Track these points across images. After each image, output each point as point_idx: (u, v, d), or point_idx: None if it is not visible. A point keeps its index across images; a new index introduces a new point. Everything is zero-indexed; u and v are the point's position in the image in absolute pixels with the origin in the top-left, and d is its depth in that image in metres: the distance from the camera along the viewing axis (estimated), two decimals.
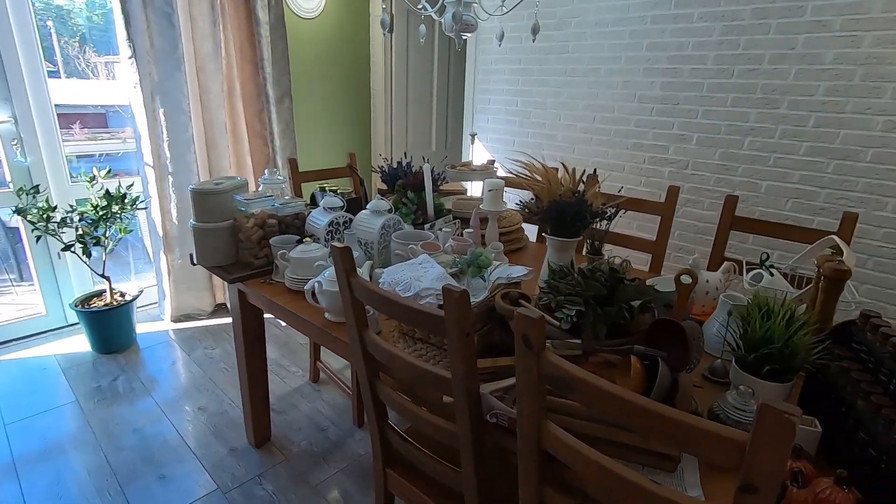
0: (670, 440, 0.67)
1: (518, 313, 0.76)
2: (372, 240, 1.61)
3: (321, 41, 3.22)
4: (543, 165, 1.39)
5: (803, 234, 1.68)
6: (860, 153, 2.00)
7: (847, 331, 1.04)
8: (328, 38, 3.25)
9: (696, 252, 2.50)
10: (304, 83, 3.20)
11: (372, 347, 1.11)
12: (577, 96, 2.75)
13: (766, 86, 2.15)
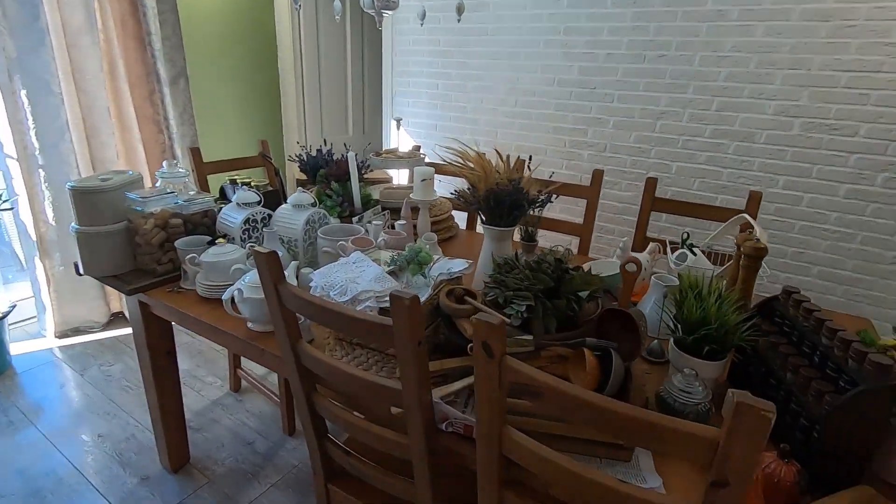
0: (643, 440, 0.65)
1: (477, 320, 0.70)
2: (296, 237, 1.47)
3: (219, 14, 2.90)
4: (478, 153, 1.33)
5: (717, 212, 1.79)
6: (755, 135, 2.17)
7: (770, 306, 1.10)
8: (227, 11, 2.94)
9: (616, 231, 2.61)
10: (203, 62, 2.88)
11: (308, 360, 1.00)
12: (498, 80, 2.73)
13: (674, 71, 2.26)
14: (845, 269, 2.15)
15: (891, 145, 1.94)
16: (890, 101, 1.91)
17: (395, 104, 3.17)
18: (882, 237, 2.05)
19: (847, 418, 0.79)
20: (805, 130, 2.07)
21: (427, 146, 3.09)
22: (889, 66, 1.88)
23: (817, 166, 2.08)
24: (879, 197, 2.01)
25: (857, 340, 0.84)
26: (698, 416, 0.91)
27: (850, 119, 1.98)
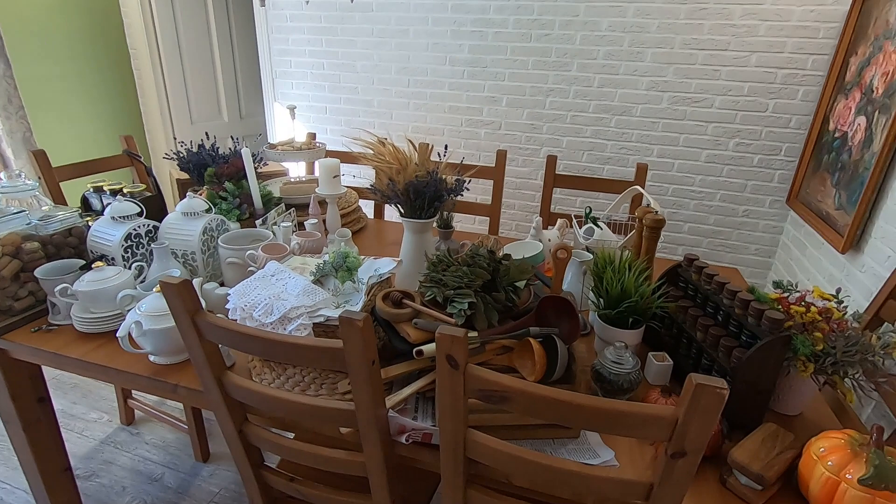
0: (611, 428, 0.68)
1: (440, 334, 0.67)
2: (193, 250, 1.30)
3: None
4: (392, 145, 1.28)
5: (611, 185, 1.93)
6: (632, 109, 2.37)
7: (675, 273, 1.22)
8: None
9: (516, 206, 2.71)
10: (29, 41, 2.37)
11: (238, 392, 0.90)
12: (388, 59, 2.63)
13: (558, 50, 2.36)
14: (708, 224, 2.47)
15: (738, 114, 2.24)
16: (735, 76, 2.19)
17: (276, 86, 2.92)
18: (734, 194, 2.38)
19: (752, 368, 0.91)
20: (672, 104, 2.30)
21: (320, 131, 2.91)
22: (734, 45, 2.14)
23: (683, 135, 2.34)
24: (731, 160, 2.33)
25: (753, 299, 0.96)
26: (631, 383, 0.99)
27: (706, 93, 2.25)
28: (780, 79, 2.14)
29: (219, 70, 3.30)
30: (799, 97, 2.15)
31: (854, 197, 1.71)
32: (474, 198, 2.62)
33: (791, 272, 2.22)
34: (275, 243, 1.30)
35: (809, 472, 0.79)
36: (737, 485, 0.83)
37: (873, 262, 1.60)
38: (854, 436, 0.79)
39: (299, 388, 0.98)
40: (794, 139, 2.21)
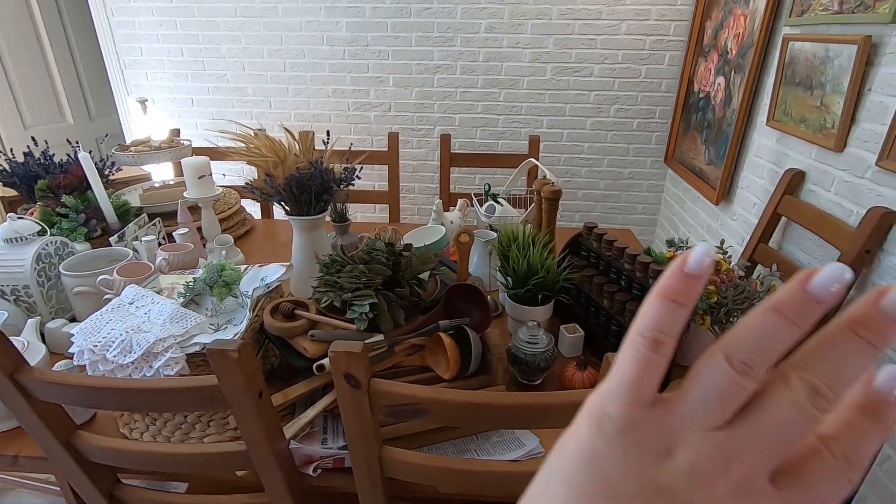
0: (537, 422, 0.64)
1: (334, 352, 0.57)
2: (25, 283, 1.06)
3: None
4: (267, 136, 1.13)
5: (506, 159, 1.92)
6: (519, 82, 2.38)
7: (577, 242, 1.23)
8: None
9: (416, 190, 2.64)
10: None
11: (99, 454, 0.73)
12: (258, 40, 2.39)
13: (440, 24, 2.29)
14: (599, 189, 2.59)
15: (616, 82, 2.34)
16: (610, 44, 2.27)
17: (128, 78, 2.54)
18: (619, 158, 2.50)
19: None
20: (555, 74, 2.34)
21: (187, 126, 2.58)
22: (606, 13, 2.22)
23: (569, 105, 2.40)
24: (613, 126, 2.43)
25: (652, 261, 0.97)
26: (547, 361, 0.97)
27: (585, 62, 2.31)
28: (649, 45, 2.26)
29: (53, 64, 2.79)
30: (666, 62, 2.28)
31: (721, 152, 1.85)
32: (371, 185, 2.49)
33: (674, 227, 2.39)
34: (135, 263, 1.10)
35: None
36: None
37: (742, 210, 1.75)
38: None
39: (181, 432, 0.83)
40: (665, 102, 2.36)
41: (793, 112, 1.45)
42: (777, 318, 0.16)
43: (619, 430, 0.17)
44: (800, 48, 1.41)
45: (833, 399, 0.16)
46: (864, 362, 0.16)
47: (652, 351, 0.17)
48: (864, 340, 0.16)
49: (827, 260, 1.29)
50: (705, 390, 0.17)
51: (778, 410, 0.16)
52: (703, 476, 0.16)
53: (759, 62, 1.63)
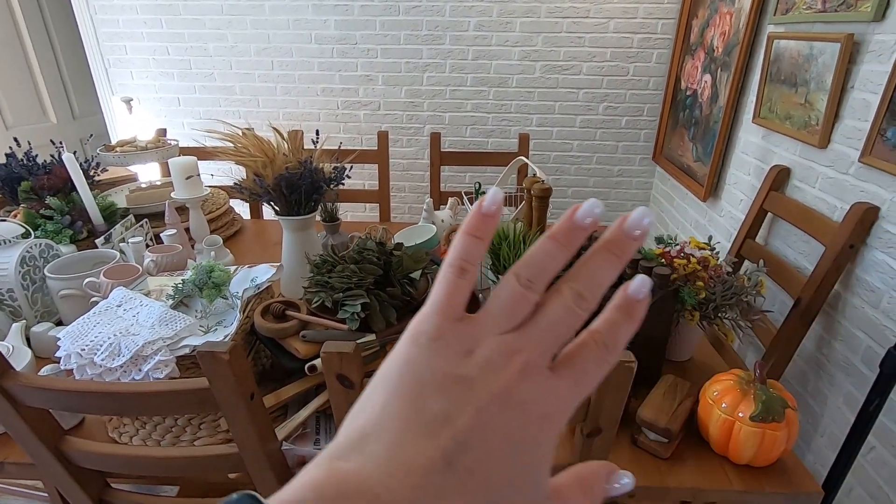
0: None
1: (326, 353, 0.57)
2: (9, 286, 1.04)
3: None
4: (256, 136, 1.12)
5: (496, 158, 1.92)
6: (508, 80, 2.38)
7: None
8: None
9: (406, 188, 2.63)
10: None
11: (88, 459, 0.72)
12: (245, 39, 2.36)
13: (429, 22, 2.28)
14: (589, 186, 2.60)
15: (604, 80, 2.35)
16: (598, 42, 2.29)
17: (112, 77, 2.50)
18: (608, 155, 2.52)
19: (648, 324, 0.93)
20: (544, 73, 2.35)
21: (174, 126, 2.56)
22: (594, 12, 2.23)
23: (558, 103, 2.41)
24: (602, 123, 2.45)
25: (641, 258, 0.98)
26: None
27: (574, 60, 2.32)
28: (637, 43, 2.28)
29: (34, 63, 2.75)
30: (654, 60, 2.30)
31: (708, 149, 1.87)
32: (361, 184, 2.49)
33: (663, 224, 2.42)
34: (123, 265, 1.09)
35: (708, 416, 0.83)
36: (646, 441, 0.85)
37: (729, 206, 1.77)
38: (741, 375, 0.84)
39: (172, 436, 0.83)
40: (653, 100, 2.37)
41: (778, 109, 1.46)
42: (552, 243, 0.21)
43: (431, 340, 0.20)
44: (784, 46, 1.43)
45: (593, 301, 0.21)
46: (614, 271, 0.21)
47: (458, 276, 0.21)
48: (613, 255, 0.21)
49: (813, 255, 1.31)
50: (499, 303, 0.21)
51: (552, 313, 0.21)
52: (493, 365, 0.20)
53: (745, 60, 1.65)
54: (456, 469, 0.18)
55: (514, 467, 0.19)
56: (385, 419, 0.19)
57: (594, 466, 0.23)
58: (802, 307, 1.19)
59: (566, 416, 0.20)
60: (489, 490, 0.18)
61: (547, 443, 0.20)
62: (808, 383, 1.31)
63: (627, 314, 0.21)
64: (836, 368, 1.22)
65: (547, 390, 0.20)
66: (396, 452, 0.18)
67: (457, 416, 0.19)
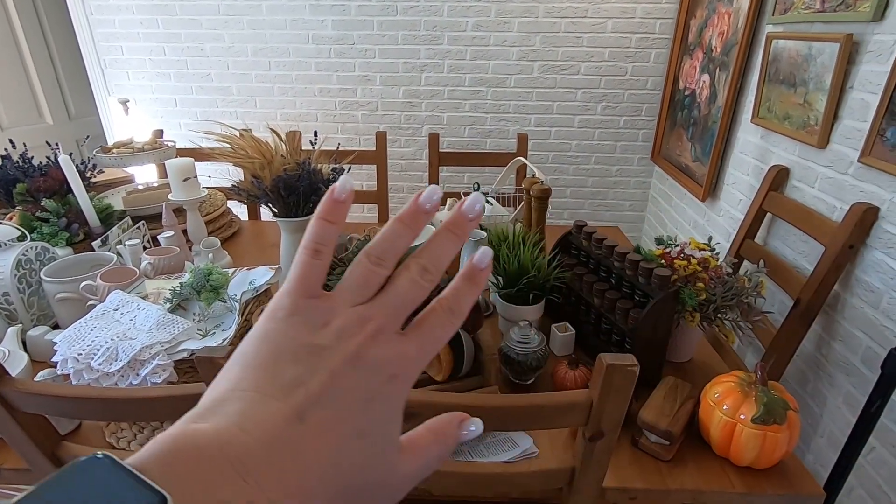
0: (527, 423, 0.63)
1: None
2: (5, 290, 1.03)
3: None
4: (253, 137, 1.11)
5: (495, 158, 1.92)
6: (506, 80, 2.38)
7: (567, 241, 1.23)
8: None
9: (405, 189, 2.62)
10: None
11: None
12: (241, 39, 2.35)
13: (427, 22, 2.28)
14: (587, 186, 2.60)
15: (602, 79, 2.35)
16: (596, 42, 2.28)
17: (109, 78, 2.49)
18: (607, 155, 2.52)
19: (649, 326, 0.93)
20: (543, 73, 2.35)
21: (171, 127, 2.54)
22: (592, 11, 2.22)
23: (556, 103, 2.41)
24: (601, 123, 2.45)
25: (642, 259, 0.98)
26: (539, 360, 0.97)
27: (572, 60, 2.32)
28: (634, 43, 2.28)
29: (30, 63, 2.73)
30: (652, 60, 2.30)
31: (707, 149, 1.87)
32: (360, 184, 2.48)
33: (662, 223, 2.42)
34: (119, 267, 1.08)
35: (709, 419, 0.83)
36: (647, 443, 0.84)
37: (728, 206, 1.77)
38: (742, 376, 0.84)
39: None
40: (651, 100, 2.37)
41: (777, 109, 1.46)
42: (399, 225, 0.23)
43: (288, 315, 0.22)
44: (783, 46, 1.43)
45: (436, 273, 0.23)
46: (455, 248, 0.24)
47: (312, 258, 0.23)
48: (453, 234, 0.24)
49: (812, 255, 1.31)
50: (352, 279, 0.23)
51: (400, 284, 0.23)
52: (346, 333, 0.22)
53: (744, 60, 1.65)
54: (308, 422, 0.20)
55: (366, 420, 0.21)
56: (240, 387, 0.20)
57: (446, 417, 0.25)
58: (802, 307, 1.19)
59: (415, 373, 0.23)
60: (342, 440, 0.20)
61: (397, 398, 0.22)
62: (807, 383, 1.31)
63: (472, 281, 0.24)
64: (836, 369, 1.22)
65: (396, 352, 0.22)
66: (250, 411, 0.19)
67: (310, 378, 0.20)
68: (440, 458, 0.25)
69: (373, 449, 0.21)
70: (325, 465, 0.20)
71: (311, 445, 0.19)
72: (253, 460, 0.18)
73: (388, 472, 0.22)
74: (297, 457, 0.19)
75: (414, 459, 0.23)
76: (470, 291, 0.24)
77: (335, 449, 0.20)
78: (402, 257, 0.23)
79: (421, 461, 0.24)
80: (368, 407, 0.21)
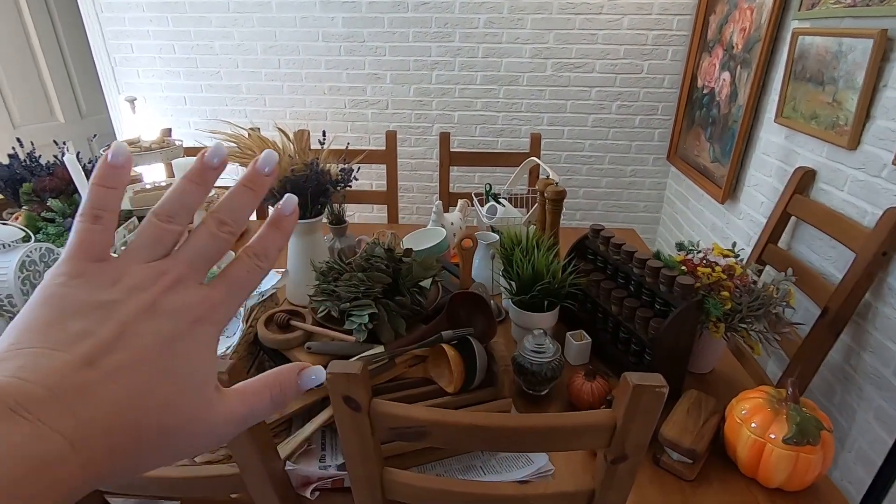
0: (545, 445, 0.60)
1: (332, 374, 0.53)
2: (9, 292, 1.01)
3: None
4: (261, 136, 1.08)
5: (507, 158, 1.88)
6: (519, 78, 2.33)
7: (583, 245, 1.18)
8: None
9: (414, 189, 2.59)
10: None
11: None
12: (251, 37, 2.33)
13: (438, 19, 2.24)
14: (601, 186, 2.54)
15: (617, 77, 2.29)
16: (611, 39, 2.23)
17: (118, 76, 2.48)
18: (621, 155, 2.46)
19: (670, 336, 0.89)
20: (556, 70, 2.30)
21: (180, 125, 2.53)
22: (607, 8, 2.17)
23: (570, 101, 2.36)
24: (615, 122, 2.39)
25: (663, 266, 0.93)
26: (554, 371, 0.93)
27: (587, 57, 2.26)
28: (651, 40, 2.22)
29: (42, 61, 2.73)
30: (669, 57, 2.24)
31: (727, 149, 1.81)
32: (369, 184, 2.44)
33: (677, 225, 2.36)
34: None
35: (735, 436, 0.78)
36: (669, 461, 0.80)
37: (749, 208, 1.71)
38: (771, 392, 0.79)
39: None
40: (668, 98, 2.31)
41: (803, 108, 1.40)
42: (188, 183, 0.24)
43: (71, 278, 0.21)
44: (810, 42, 1.37)
45: (235, 225, 0.24)
46: (252, 201, 0.25)
47: (91, 223, 0.22)
48: (249, 189, 0.25)
49: (840, 261, 1.25)
50: (141, 239, 0.23)
51: (198, 238, 0.24)
52: (139, 286, 0.22)
53: (767, 57, 1.59)
54: (99, 367, 0.20)
55: (171, 361, 0.21)
56: (18, 347, 0.19)
57: (285, 367, 0.26)
58: (830, 317, 1.13)
59: (224, 316, 0.24)
60: (144, 380, 0.20)
61: (205, 340, 0.23)
62: (834, 396, 1.26)
63: (277, 227, 0.26)
64: (866, 381, 1.16)
65: (198, 298, 0.23)
66: (30, 364, 0.19)
67: (98, 330, 0.20)
68: (274, 405, 0.25)
69: (182, 387, 0.22)
70: (125, 404, 0.20)
71: (105, 387, 0.19)
72: (33, 400, 0.17)
73: (204, 408, 0.22)
74: (87, 396, 0.19)
75: (241, 402, 0.24)
76: (275, 236, 0.25)
77: (136, 389, 0.20)
78: None
79: (248, 405, 0.24)
80: (172, 348, 0.21)
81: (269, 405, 0.25)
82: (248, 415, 0.24)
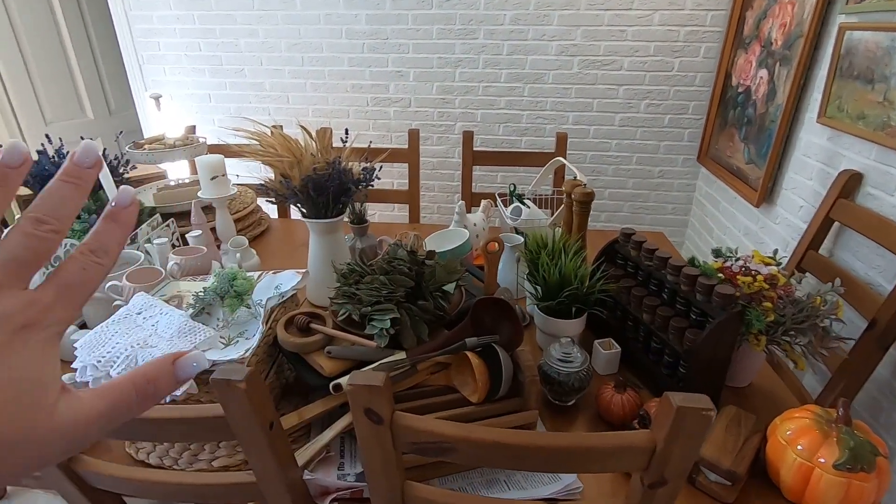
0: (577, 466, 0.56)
1: (353, 386, 0.51)
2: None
3: None
4: (283, 134, 1.06)
5: (531, 158, 1.83)
6: (544, 76, 2.28)
7: (612, 250, 1.14)
8: None
9: (436, 188, 2.56)
10: None
11: (101, 480, 0.68)
12: (275, 34, 2.33)
13: (463, 16, 2.20)
14: (627, 188, 2.48)
15: (647, 75, 2.22)
16: (641, 35, 2.16)
17: (146, 74, 2.51)
18: (649, 156, 2.39)
19: (708, 348, 0.84)
20: (583, 68, 2.24)
21: (205, 122, 2.55)
22: (638, 3, 2.10)
23: (596, 100, 2.29)
24: (644, 122, 2.32)
25: (700, 274, 0.88)
26: (582, 381, 0.89)
27: (615, 55, 2.20)
28: (683, 37, 2.14)
29: (73, 58, 2.79)
30: (701, 54, 2.16)
31: (763, 150, 1.73)
32: (390, 183, 2.43)
33: (707, 228, 2.28)
34: (145, 268, 1.05)
35: (779, 458, 0.73)
36: (706, 483, 0.75)
37: (787, 213, 1.63)
38: (818, 412, 0.74)
39: (189, 454, 0.78)
40: (700, 97, 2.23)
41: (849, 108, 1.33)
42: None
43: None
44: (859, 38, 1.29)
45: (57, 223, 0.23)
46: (75, 195, 0.24)
47: None
48: (68, 183, 0.23)
49: (888, 271, 1.18)
50: None
51: (10, 239, 0.22)
52: None
53: (810, 54, 1.51)
54: None
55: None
56: None
57: (156, 360, 0.25)
58: (879, 330, 1.06)
59: (59, 318, 0.23)
60: None
61: (37, 345, 0.22)
62: (880, 414, 1.18)
63: (115, 220, 0.25)
64: None
65: (20, 305, 0.22)
66: None
67: None
68: (143, 397, 0.24)
69: (12, 397, 0.21)
70: None
71: None
72: None
73: (45, 416, 0.22)
74: None
75: (99, 398, 0.23)
76: (113, 229, 0.24)
77: None
78: None
79: (107, 399, 0.23)
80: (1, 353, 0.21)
81: (135, 398, 0.24)
82: (111, 409, 0.23)
